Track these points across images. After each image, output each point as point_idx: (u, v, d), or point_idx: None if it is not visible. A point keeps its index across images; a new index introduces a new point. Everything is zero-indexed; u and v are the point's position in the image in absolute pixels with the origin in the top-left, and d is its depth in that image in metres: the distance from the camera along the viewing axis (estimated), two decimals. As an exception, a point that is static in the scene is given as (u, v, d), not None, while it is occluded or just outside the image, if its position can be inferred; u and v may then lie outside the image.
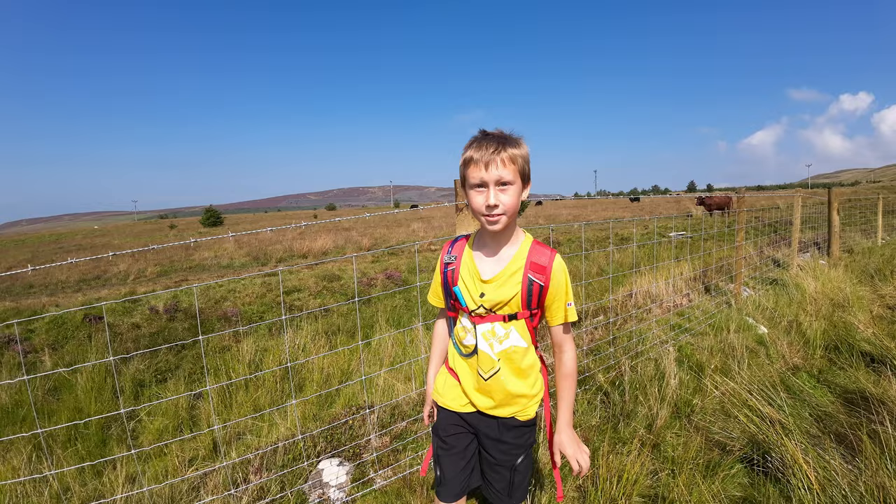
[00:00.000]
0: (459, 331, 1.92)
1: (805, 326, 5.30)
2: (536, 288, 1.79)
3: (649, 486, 2.93)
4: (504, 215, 1.69)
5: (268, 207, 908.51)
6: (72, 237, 56.31)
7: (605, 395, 4.03)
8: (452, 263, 1.89)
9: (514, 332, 1.83)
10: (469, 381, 1.92)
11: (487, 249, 1.85)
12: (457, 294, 1.85)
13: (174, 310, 9.92)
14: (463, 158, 1.72)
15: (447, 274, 1.90)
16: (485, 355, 1.84)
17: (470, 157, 1.68)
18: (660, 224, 22.09)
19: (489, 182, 1.66)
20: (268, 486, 3.11)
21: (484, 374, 1.86)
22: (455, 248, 1.92)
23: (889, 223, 16.56)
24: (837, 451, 2.97)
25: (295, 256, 20.21)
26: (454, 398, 1.96)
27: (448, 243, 1.97)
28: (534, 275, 1.78)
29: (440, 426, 2.01)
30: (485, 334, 1.84)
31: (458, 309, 1.90)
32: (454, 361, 1.98)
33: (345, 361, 5.56)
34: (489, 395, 1.88)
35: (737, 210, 6.74)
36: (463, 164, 1.73)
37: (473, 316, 1.84)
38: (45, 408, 5.47)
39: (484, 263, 1.84)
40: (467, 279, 1.84)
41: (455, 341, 1.97)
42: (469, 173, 1.70)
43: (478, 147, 1.67)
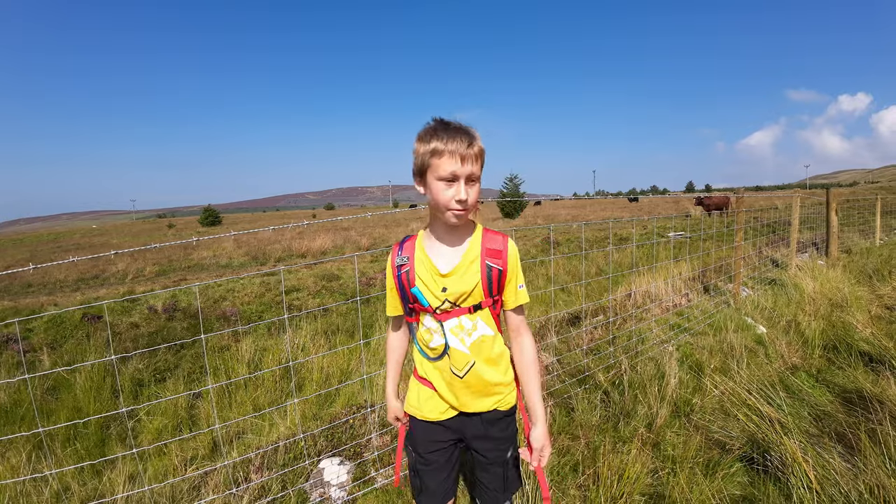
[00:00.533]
0: (424, 334, 1.85)
1: (804, 326, 5.31)
2: (496, 273, 1.77)
3: (650, 485, 2.94)
4: (469, 210, 1.67)
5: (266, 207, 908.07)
6: (70, 236, 56.25)
7: (606, 395, 4.04)
8: (405, 265, 1.80)
9: (480, 322, 1.80)
10: (443, 385, 1.85)
11: (442, 244, 1.79)
12: (416, 295, 1.77)
13: (173, 309, 9.91)
14: (430, 147, 1.61)
15: (401, 277, 1.81)
16: (456, 352, 1.79)
17: (442, 149, 1.60)
18: (659, 224, 22.11)
19: (461, 176, 1.61)
20: (269, 484, 3.11)
21: (459, 371, 1.80)
22: (405, 249, 1.83)
23: (887, 224, 16.59)
24: (836, 450, 2.98)
25: (294, 256, 20.21)
26: (432, 408, 1.88)
27: (396, 245, 1.88)
28: (492, 261, 1.76)
29: (418, 442, 1.93)
30: (453, 330, 1.78)
31: (420, 311, 1.83)
32: (424, 369, 1.90)
33: (344, 361, 5.56)
34: (468, 391, 1.83)
35: (735, 210, 6.75)
36: (430, 153, 1.62)
37: (438, 313, 1.78)
38: (44, 407, 5.47)
39: (439, 258, 1.78)
40: (425, 277, 1.77)
41: (421, 347, 1.89)
42: (439, 164, 1.61)
43: (449, 139, 1.60)
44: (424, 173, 1.67)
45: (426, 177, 1.67)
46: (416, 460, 1.94)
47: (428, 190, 1.68)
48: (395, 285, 1.85)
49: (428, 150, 1.62)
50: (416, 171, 1.71)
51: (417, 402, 1.92)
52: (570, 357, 4.79)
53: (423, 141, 1.64)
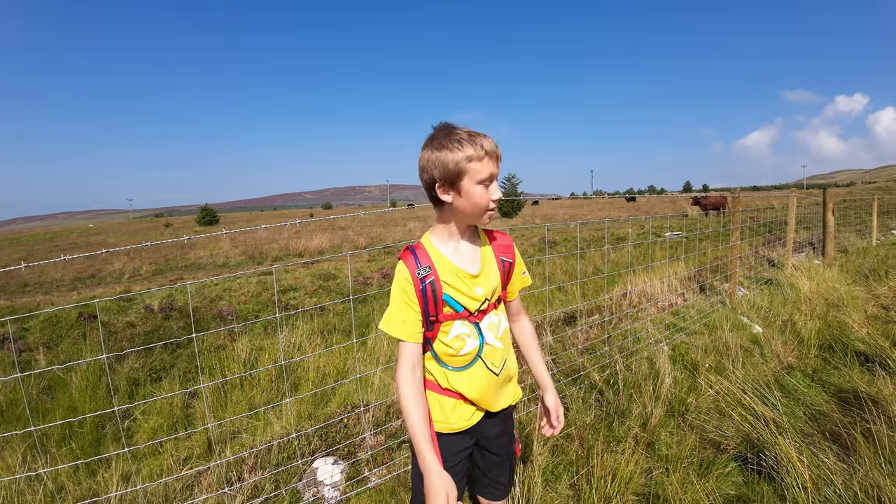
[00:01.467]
0: (452, 343, 1.74)
1: (800, 326, 5.31)
2: (508, 266, 1.86)
3: (644, 485, 2.93)
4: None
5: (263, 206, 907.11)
6: (67, 235, 56.16)
7: (600, 394, 4.03)
8: (429, 275, 1.70)
9: (502, 315, 1.88)
10: (479, 390, 1.77)
11: (460, 247, 1.78)
12: (448, 302, 1.71)
13: (169, 308, 9.89)
14: (465, 154, 1.59)
15: (426, 288, 1.69)
16: (494, 349, 1.80)
17: (480, 153, 1.60)
18: (655, 224, 22.13)
19: (495, 177, 1.66)
20: (262, 484, 3.10)
21: (496, 367, 1.80)
22: (422, 259, 1.73)
23: (884, 224, 16.62)
24: (831, 450, 2.98)
25: (291, 255, 20.20)
26: (460, 416, 1.80)
27: (407, 258, 1.74)
28: (504, 255, 1.86)
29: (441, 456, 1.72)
30: (489, 326, 1.80)
31: (445, 320, 1.74)
32: (448, 381, 1.78)
33: (340, 360, 5.55)
34: (500, 389, 1.84)
35: (732, 210, 6.75)
36: (467, 159, 1.59)
37: (475, 315, 1.76)
38: (40, 406, 5.45)
39: (463, 260, 1.77)
40: (455, 282, 1.71)
41: (443, 361, 1.78)
42: (478, 168, 1.60)
43: (480, 143, 1.60)
44: (457, 181, 1.63)
45: (460, 184, 1.63)
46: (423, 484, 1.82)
47: (463, 196, 1.64)
48: (419, 298, 1.70)
49: (464, 156, 1.59)
50: (444, 180, 1.64)
51: (443, 415, 1.79)
52: (565, 356, 4.79)
53: (451, 149, 1.60)
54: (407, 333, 1.70)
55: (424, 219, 38.65)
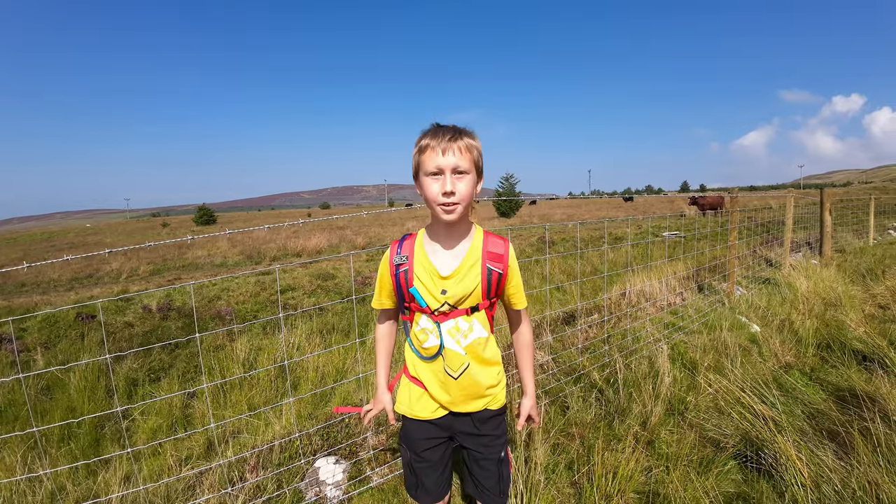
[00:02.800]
0: (419, 334, 1.85)
1: (797, 325, 5.34)
2: (496, 277, 1.80)
3: (644, 483, 2.95)
4: (459, 205, 1.66)
5: (261, 206, 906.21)
6: (64, 235, 56.04)
7: (600, 393, 4.05)
8: (404, 264, 1.80)
9: (476, 324, 1.82)
10: (435, 385, 1.87)
11: (442, 244, 1.80)
12: (414, 295, 1.78)
13: (167, 308, 9.88)
14: (417, 146, 1.68)
15: (399, 275, 1.81)
16: (452, 353, 1.81)
17: (426, 144, 1.65)
18: (653, 224, 22.17)
19: (445, 169, 1.63)
20: (264, 484, 3.11)
21: (454, 372, 1.82)
22: (404, 248, 1.84)
23: (881, 223, 16.67)
24: (830, 448, 2.99)
25: (289, 255, 20.18)
26: (423, 407, 1.90)
27: (395, 243, 1.88)
28: (492, 264, 1.79)
29: (412, 439, 1.95)
30: (450, 331, 1.80)
31: (416, 310, 1.85)
32: (415, 369, 1.92)
33: (340, 360, 5.56)
34: (461, 393, 1.85)
35: (730, 210, 6.77)
36: (417, 152, 1.68)
37: (436, 315, 1.79)
38: (39, 407, 5.44)
39: (440, 259, 1.79)
40: (424, 278, 1.78)
41: (414, 347, 1.90)
42: (424, 159, 1.66)
43: (433, 135, 1.65)
44: (417, 173, 1.72)
45: (419, 176, 1.71)
46: (411, 458, 1.97)
47: (421, 188, 1.71)
48: (392, 283, 1.85)
49: (416, 148, 1.69)
50: (413, 175, 1.75)
51: (409, 401, 1.94)
52: (565, 356, 4.81)
53: (416, 142, 1.70)
54: (381, 303, 1.97)
55: (423, 218, 38.64)
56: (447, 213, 1.67)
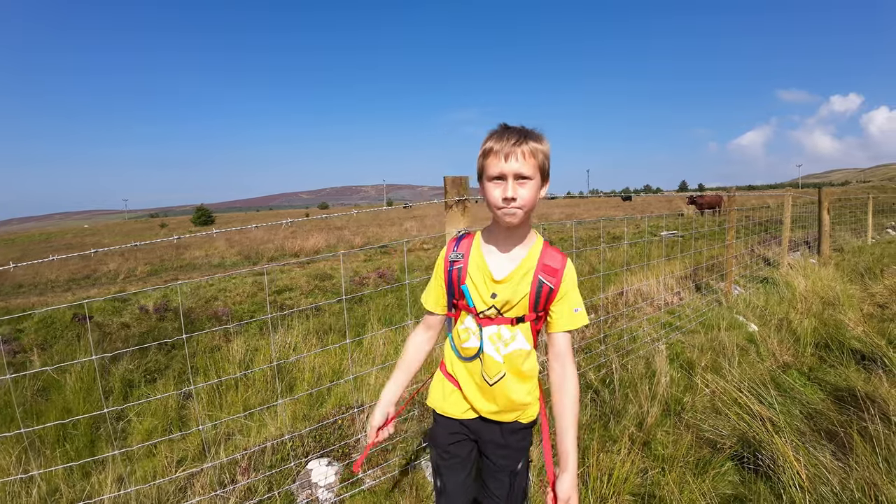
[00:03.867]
0: (461, 332, 1.82)
1: (795, 324, 5.31)
2: (546, 290, 1.72)
3: (640, 485, 2.92)
4: (521, 210, 1.62)
5: (259, 206, 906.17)
6: (62, 236, 56.01)
7: (596, 393, 4.02)
8: (459, 261, 1.78)
9: (519, 335, 1.77)
10: (471, 386, 1.83)
11: (499, 247, 1.76)
12: (464, 293, 1.76)
13: (164, 309, 9.85)
14: (482, 149, 1.64)
15: (453, 272, 1.79)
16: (490, 359, 1.76)
17: (490, 148, 1.61)
18: (651, 223, 22.14)
19: (508, 174, 1.59)
20: (255, 486, 3.08)
21: (489, 378, 1.78)
22: (461, 246, 1.81)
23: (879, 222, 16.68)
24: (828, 449, 2.97)
25: (287, 255, 20.15)
26: (454, 404, 1.87)
27: (453, 240, 1.85)
28: (545, 276, 1.72)
29: (439, 435, 1.91)
30: (491, 337, 1.75)
31: (463, 310, 1.81)
32: (452, 367, 1.88)
33: (336, 361, 5.53)
34: (493, 401, 1.80)
35: (728, 209, 6.75)
36: (482, 155, 1.65)
37: (481, 318, 1.75)
38: (34, 408, 5.41)
39: (495, 262, 1.75)
40: (477, 278, 1.74)
41: (454, 345, 1.87)
42: (488, 164, 1.62)
43: (498, 138, 1.60)
44: (481, 176, 1.68)
45: (482, 180, 1.68)
46: (437, 456, 1.93)
47: (483, 192, 1.69)
48: (445, 280, 1.83)
49: (481, 151, 1.65)
50: (477, 176, 1.72)
51: (442, 397, 1.91)
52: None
53: (482, 144, 1.66)
54: (428, 303, 1.91)
55: (421, 218, 38.63)
56: (508, 217, 1.63)
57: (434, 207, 47.50)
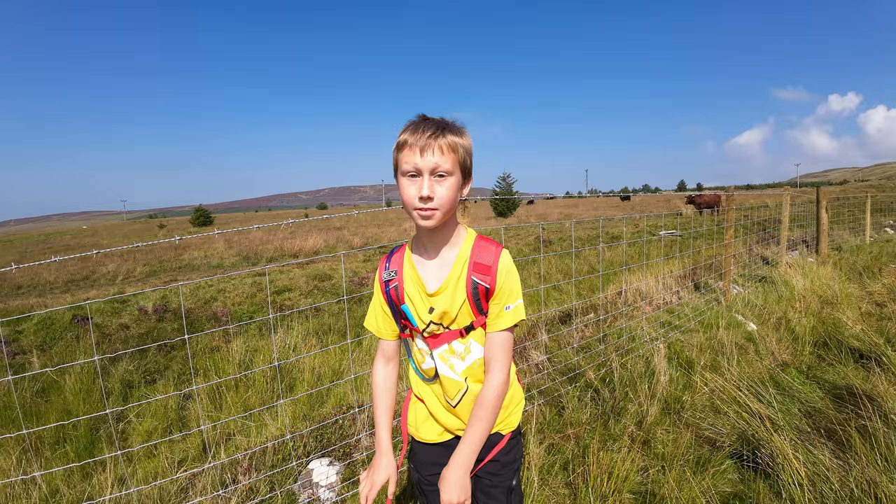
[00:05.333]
0: (417, 354, 1.68)
1: (794, 323, 5.33)
2: (482, 290, 1.54)
3: (640, 483, 2.93)
4: (438, 210, 1.44)
5: (258, 207, 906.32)
6: (60, 237, 55.94)
7: (596, 392, 4.03)
8: (394, 279, 1.61)
9: (474, 344, 1.60)
10: (437, 407, 1.69)
11: (428, 255, 1.59)
12: (406, 313, 1.60)
13: (163, 310, 9.85)
14: (396, 141, 1.46)
15: (391, 293, 1.61)
16: (447, 380, 1.62)
17: (404, 141, 1.43)
18: (650, 223, 22.18)
19: (423, 170, 1.41)
20: (257, 486, 3.09)
21: (451, 399, 1.64)
22: (392, 262, 1.64)
23: (877, 221, 16.70)
24: (827, 447, 2.98)
25: (286, 256, 20.15)
26: (429, 430, 1.72)
27: (384, 258, 1.67)
28: (478, 276, 1.54)
29: (420, 463, 1.75)
30: (442, 356, 1.61)
31: (411, 329, 1.65)
32: (419, 389, 1.74)
33: (336, 361, 5.54)
34: (462, 418, 1.66)
35: (726, 209, 6.76)
36: (396, 148, 1.46)
37: (427, 337, 1.60)
38: (34, 409, 5.42)
39: (427, 272, 1.58)
40: (413, 295, 1.59)
41: (415, 365, 1.72)
42: (401, 158, 1.44)
43: (414, 130, 1.43)
44: (395, 173, 1.50)
45: (396, 176, 1.50)
46: (419, 479, 1.77)
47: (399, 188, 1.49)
48: (386, 301, 1.65)
49: (395, 144, 1.47)
50: (393, 173, 1.52)
51: (415, 422, 1.76)
52: (560, 355, 4.79)
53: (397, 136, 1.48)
54: (377, 329, 1.71)
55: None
56: (424, 220, 1.45)
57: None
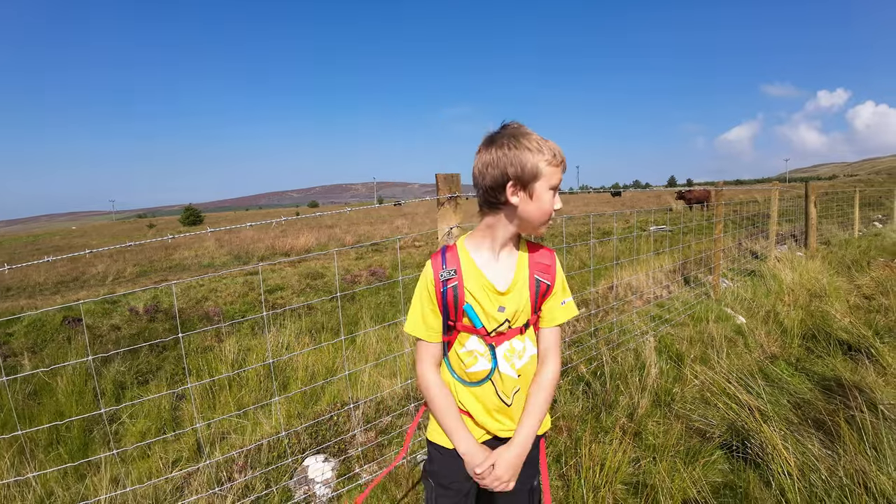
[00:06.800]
0: (464, 357, 1.64)
1: (783, 316, 5.38)
2: (543, 288, 1.64)
3: (631, 474, 2.96)
4: None
5: (248, 205, 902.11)
6: (49, 238, 55.48)
7: (587, 386, 4.07)
8: (453, 279, 1.59)
9: (528, 342, 1.66)
10: (482, 411, 1.66)
11: (492, 255, 1.63)
12: (468, 313, 1.59)
13: (155, 310, 9.82)
14: (546, 156, 1.50)
15: (448, 293, 1.59)
16: (507, 378, 1.62)
17: (560, 158, 1.54)
18: (640, 218, 22.28)
19: (558, 186, 1.56)
20: (253, 483, 3.10)
21: (507, 397, 1.63)
22: (449, 261, 1.62)
23: (865, 215, 16.85)
24: (816, 437, 3.03)
25: (277, 254, 20.09)
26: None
27: (436, 256, 1.65)
28: (541, 275, 1.64)
29: (441, 472, 1.71)
30: (506, 354, 1.62)
31: (464, 331, 1.64)
32: (459, 397, 1.68)
33: (329, 359, 5.55)
34: (511, 418, 1.66)
35: (715, 204, 6.82)
36: (546, 162, 1.51)
37: (492, 336, 1.61)
38: (27, 412, 5.39)
39: (494, 272, 1.61)
40: (479, 295, 1.59)
41: (454, 371, 1.69)
42: (553, 172, 1.52)
43: (554, 148, 1.52)
44: (531, 182, 1.51)
45: (533, 185, 1.52)
46: (437, 491, 1.74)
47: (533, 199, 1.53)
48: (439, 302, 1.62)
49: (543, 158, 1.50)
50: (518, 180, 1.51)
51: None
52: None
53: (531, 149, 1.50)
54: (427, 333, 1.66)
55: (412, 216, 38.61)
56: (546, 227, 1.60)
57: (425, 205, 47.48)
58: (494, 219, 1.59)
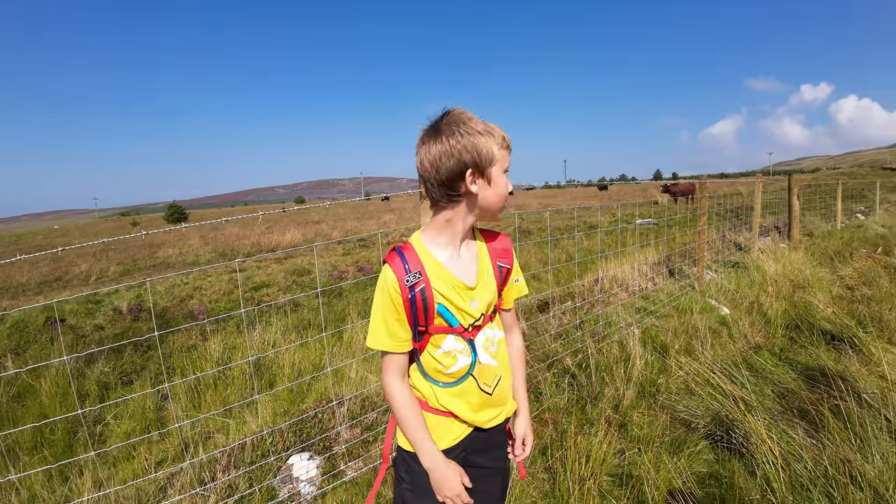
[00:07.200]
0: (441, 359, 1.57)
1: (766, 307, 5.42)
2: (505, 273, 1.65)
3: (617, 465, 2.97)
4: None
5: (234, 202, 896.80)
6: (31, 237, 54.80)
7: (573, 378, 4.07)
8: (419, 282, 1.50)
9: (496, 327, 1.66)
10: (466, 407, 1.61)
11: (452, 249, 1.57)
12: (443, 314, 1.53)
13: (139, 309, 9.71)
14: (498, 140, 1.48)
15: (416, 297, 1.50)
16: (488, 367, 1.61)
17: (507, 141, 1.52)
18: (626, 211, 22.36)
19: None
20: (236, 483, 3.07)
21: (489, 387, 1.61)
22: (411, 262, 1.52)
23: (848, 207, 17.02)
24: (800, 426, 3.05)
25: (263, 251, 19.97)
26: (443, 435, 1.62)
27: (393, 259, 1.54)
28: (502, 261, 1.64)
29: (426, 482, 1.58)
30: (483, 344, 1.60)
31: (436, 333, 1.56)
32: (440, 401, 1.60)
33: (316, 356, 5.51)
34: (494, 405, 1.65)
35: (700, 197, 6.85)
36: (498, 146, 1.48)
37: (469, 331, 1.57)
38: (10, 415, 5.32)
39: (459, 267, 1.56)
40: (450, 294, 1.52)
41: (429, 376, 1.61)
42: (504, 155, 1.51)
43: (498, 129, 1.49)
44: (488, 168, 1.48)
45: (490, 170, 1.48)
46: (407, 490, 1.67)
47: (492, 186, 1.50)
48: (407, 310, 1.52)
49: (495, 143, 1.47)
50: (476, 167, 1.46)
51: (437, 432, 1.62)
52: (538, 342, 4.82)
53: (484, 134, 1.46)
54: (394, 344, 1.55)
55: (400, 211, 38.56)
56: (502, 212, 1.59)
57: (413, 199, 47.42)
58: (453, 212, 1.53)
